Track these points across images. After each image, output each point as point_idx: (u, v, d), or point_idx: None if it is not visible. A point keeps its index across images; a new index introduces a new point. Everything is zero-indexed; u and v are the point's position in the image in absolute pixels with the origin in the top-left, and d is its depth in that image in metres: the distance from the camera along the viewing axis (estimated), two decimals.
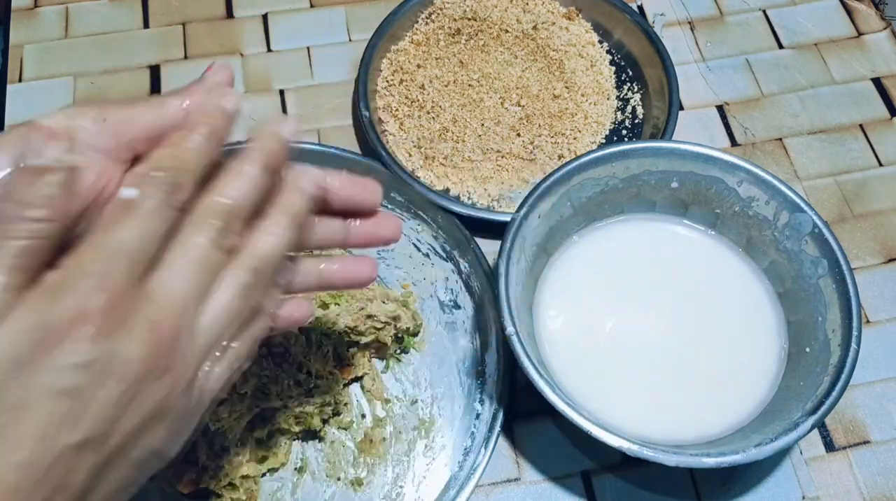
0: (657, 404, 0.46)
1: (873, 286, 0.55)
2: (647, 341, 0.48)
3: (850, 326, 0.44)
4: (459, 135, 0.58)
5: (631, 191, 0.51)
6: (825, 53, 0.66)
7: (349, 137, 0.61)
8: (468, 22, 0.63)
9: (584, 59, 0.62)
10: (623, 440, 0.40)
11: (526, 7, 0.64)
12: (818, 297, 0.47)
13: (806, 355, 0.46)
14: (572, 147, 0.58)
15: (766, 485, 0.48)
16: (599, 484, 0.48)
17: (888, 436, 0.50)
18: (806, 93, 0.64)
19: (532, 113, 0.58)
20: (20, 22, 0.66)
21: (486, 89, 0.59)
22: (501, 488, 0.48)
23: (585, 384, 0.46)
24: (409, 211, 0.53)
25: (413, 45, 0.62)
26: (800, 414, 0.42)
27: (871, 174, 0.60)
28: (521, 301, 0.47)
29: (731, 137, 0.62)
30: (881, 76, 0.65)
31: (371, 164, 0.54)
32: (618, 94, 0.62)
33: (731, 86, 0.64)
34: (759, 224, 0.50)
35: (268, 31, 0.66)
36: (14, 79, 0.63)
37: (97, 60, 0.64)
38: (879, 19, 0.68)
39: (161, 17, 0.66)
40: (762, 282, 0.50)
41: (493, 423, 0.46)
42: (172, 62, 0.64)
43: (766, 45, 0.67)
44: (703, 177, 0.50)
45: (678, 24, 0.68)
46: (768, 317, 0.49)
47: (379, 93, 0.61)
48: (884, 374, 0.52)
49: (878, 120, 0.63)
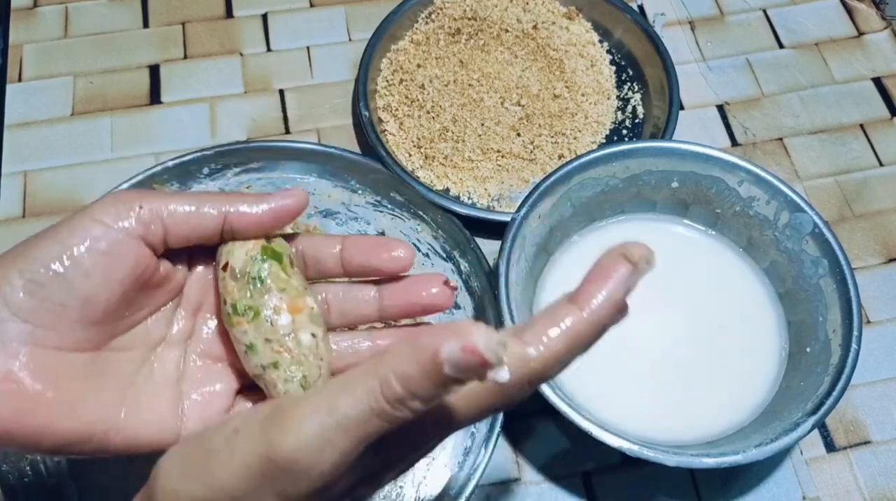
0: (657, 404, 0.46)
1: (874, 286, 0.55)
2: (647, 341, 0.48)
3: (851, 326, 0.44)
4: (459, 135, 0.57)
5: (631, 190, 0.51)
6: (826, 53, 0.66)
7: (349, 137, 0.61)
8: (468, 21, 0.62)
9: (584, 58, 0.62)
10: (623, 440, 0.40)
11: (526, 6, 0.64)
12: (819, 297, 0.47)
13: (806, 355, 0.46)
14: (572, 147, 0.58)
15: (766, 486, 0.48)
16: (600, 485, 0.48)
17: (889, 436, 0.50)
18: (806, 93, 0.64)
19: (532, 112, 0.58)
20: (20, 22, 0.66)
21: (487, 89, 0.59)
22: (501, 488, 0.48)
23: (585, 384, 0.46)
24: (409, 211, 0.53)
25: (413, 45, 0.62)
26: (800, 414, 0.42)
27: (871, 174, 0.60)
28: (521, 301, 0.46)
29: (732, 137, 0.62)
30: (882, 76, 0.65)
31: (371, 164, 0.54)
32: (618, 94, 0.62)
33: (731, 86, 0.64)
34: (759, 224, 0.49)
35: (267, 31, 0.66)
36: (14, 78, 0.63)
37: (97, 60, 0.64)
38: (880, 19, 0.68)
39: (161, 16, 0.66)
40: (762, 282, 0.50)
41: (493, 423, 0.46)
42: (172, 62, 0.64)
43: (767, 45, 0.67)
44: (703, 176, 0.49)
45: (678, 23, 0.68)
46: (769, 317, 0.49)
47: (379, 93, 0.61)
48: (884, 374, 0.52)
49: (879, 120, 0.63)
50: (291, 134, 0.61)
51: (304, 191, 0.33)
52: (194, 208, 0.31)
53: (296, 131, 0.61)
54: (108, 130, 0.61)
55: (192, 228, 0.31)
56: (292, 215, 0.32)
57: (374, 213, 0.55)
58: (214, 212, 0.31)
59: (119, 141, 0.60)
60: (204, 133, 0.61)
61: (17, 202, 0.57)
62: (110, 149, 0.60)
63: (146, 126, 0.61)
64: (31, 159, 0.59)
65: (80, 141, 0.60)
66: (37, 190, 0.58)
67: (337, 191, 0.55)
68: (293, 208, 0.32)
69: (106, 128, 0.61)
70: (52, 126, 0.61)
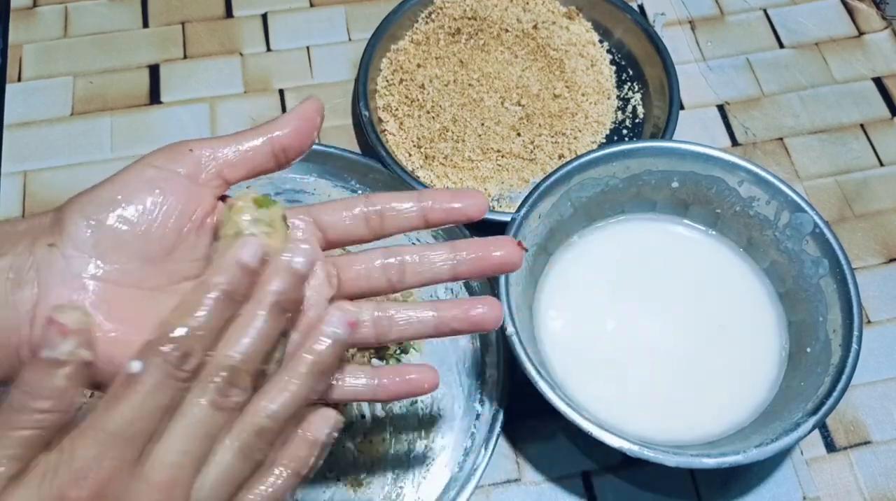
0: (658, 404, 0.46)
1: (874, 286, 0.55)
2: (647, 341, 0.48)
3: (851, 326, 0.44)
4: (459, 135, 0.57)
5: (631, 190, 0.51)
6: (826, 53, 0.66)
7: (349, 137, 0.61)
8: (468, 21, 0.62)
9: (584, 58, 0.62)
10: (623, 440, 0.40)
11: (526, 6, 0.64)
12: (819, 297, 0.46)
13: (807, 355, 0.46)
14: (572, 146, 0.58)
15: (766, 486, 0.48)
16: (600, 485, 0.48)
17: (889, 436, 0.50)
18: (807, 93, 0.64)
19: (532, 112, 0.58)
20: (19, 21, 0.66)
21: (487, 89, 0.59)
22: (501, 488, 0.48)
23: (586, 384, 0.46)
24: None
25: (413, 45, 0.62)
26: (800, 414, 0.42)
27: (871, 174, 0.60)
28: (521, 301, 0.46)
29: (732, 137, 0.62)
30: (882, 76, 0.65)
31: (371, 164, 0.54)
32: (618, 94, 0.62)
33: (731, 86, 0.64)
34: (759, 224, 0.49)
35: (267, 31, 0.66)
36: (13, 78, 0.63)
37: (96, 60, 0.64)
38: (880, 19, 0.68)
39: (160, 16, 0.66)
40: (763, 282, 0.50)
41: (493, 423, 0.46)
42: (172, 62, 0.64)
43: (767, 45, 0.66)
44: (703, 176, 0.49)
45: (679, 23, 0.68)
46: (769, 317, 0.49)
47: (379, 93, 0.61)
48: (885, 374, 0.52)
49: (879, 119, 0.63)
50: None
51: (316, 98, 0.34)
52: (241, 146, 0.33)
53: None
54: (108, 130, 0.61)
55: (245, 162, 0.33)
56: (315, 113, 0.34)
57: None
58: (260, 142, 0.33)
59: (119, 141, 0.60)
60: (204, 133, 0.61)
61: (17, 202, 0.57)
62: (110, 149, 0.60)
63: (146, 126, 0.61)
64: (30, 159, 0.59)
65: (79, 141, 0.60)
66: (36, 190, 0.58)
67: (337, 191, 0.55)
68: (317, 108, 0.34)
69: (106, 128, 0.61)
70: (51, 126, 0.61)
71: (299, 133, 0.33)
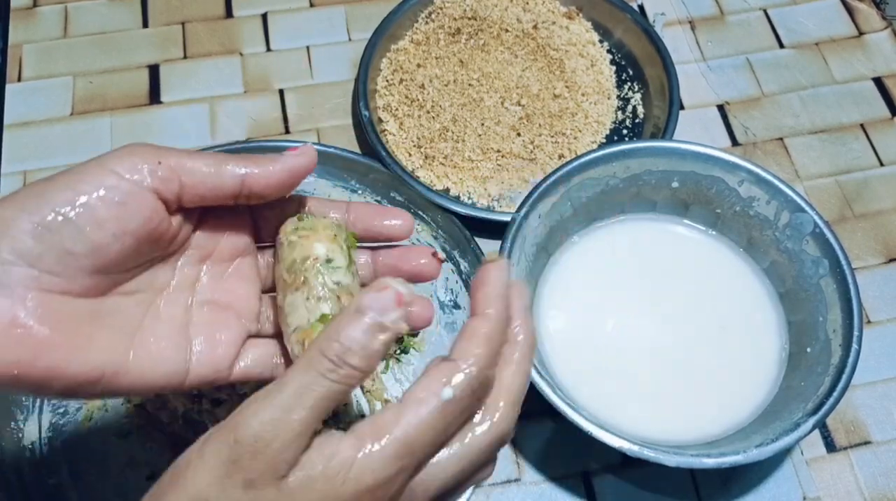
0: (658, 404, 0.46)
1: (874, 286, 0.55)
2: (647, 341, 0.48)
3: (851, 326, 0.44)
4: (459, 135, 0.57)
5: (631, 190, 0.51)
6: (826, 53, 0.66)
7: (349, 137, 0.61)
8: (468, 21, 0.62)
9: (584, 58, 0.62)
10: (623, 440, 0.40)
11: (526, 6, 0.64)
12: (819, 297, 0.46)
13: (807, 355, 0.46)
14: (572, 146, 0.58)
15: (766, 486, 0.48)
16: (600, 485, 0.48)
17: (889, 437, 0.50)
18: (807, 93, 0.64)
19: (532, 112, 0.58)
20: (19, 21, 0.66)
21: (487, 89, 0.59)
22: (501, 488, 0.48)
23: (586, 384, 0.46)
24: (409, 210, 0.53)
25: (413, 45, 0.62)
26: (801, 414, 0.42)
27: (871, 174, 0.60)
28: None
29: (732, 137, 0.62)
30: (882, 76, 0.65)
31: (371, 164, 0.54)
32: (618, 94, 0.62)
33: (731, 86, 0.64)
34: (759, 224, 0.49)
35: (267, 31, 0.66)
36: (13, 78, 0.63)
37: (96, 60, 0.64)
38: (880, 19, 0.68)
39: (160, 16, 0.66)
40: (763, 282, 0.50)
41: None
42: (172, 62, 0.64)
43: (767, 45, 0.66)
44: (703, 176, 0.49)
45: (679, 23, 0.68)
46: (769, 317, 0.49)
47: (379, 93, 0.61)
48: (885, 374, 0.52)
49: (879, 119, 0.63)
50: (291, 134, 0.61)
51: (312, 147, 0.33)
52: (213, 170, 0.31)
53: (296, 131, 0.61)
54: (108, 130, 0.61)
55: (210, 189, 0.31)
56: (306, 172, 0.33)
57: None
58: (233, 175, 0.31)
59: (119, 141, 0.60)
60: (204, 133, 0.61)
61: None
62: (110, 148, 0.58)
63: (146, 126, 0.61)
64: (30, 159, 0.59)
65: (79, 141, 0.60)
66: None
67: (337, 190, 0.55)
68: (307, 165, 0.33)
69: (105, 128, 0.61)
70: (51, 126, 0.61)
71: (279, 187, 0.32)
